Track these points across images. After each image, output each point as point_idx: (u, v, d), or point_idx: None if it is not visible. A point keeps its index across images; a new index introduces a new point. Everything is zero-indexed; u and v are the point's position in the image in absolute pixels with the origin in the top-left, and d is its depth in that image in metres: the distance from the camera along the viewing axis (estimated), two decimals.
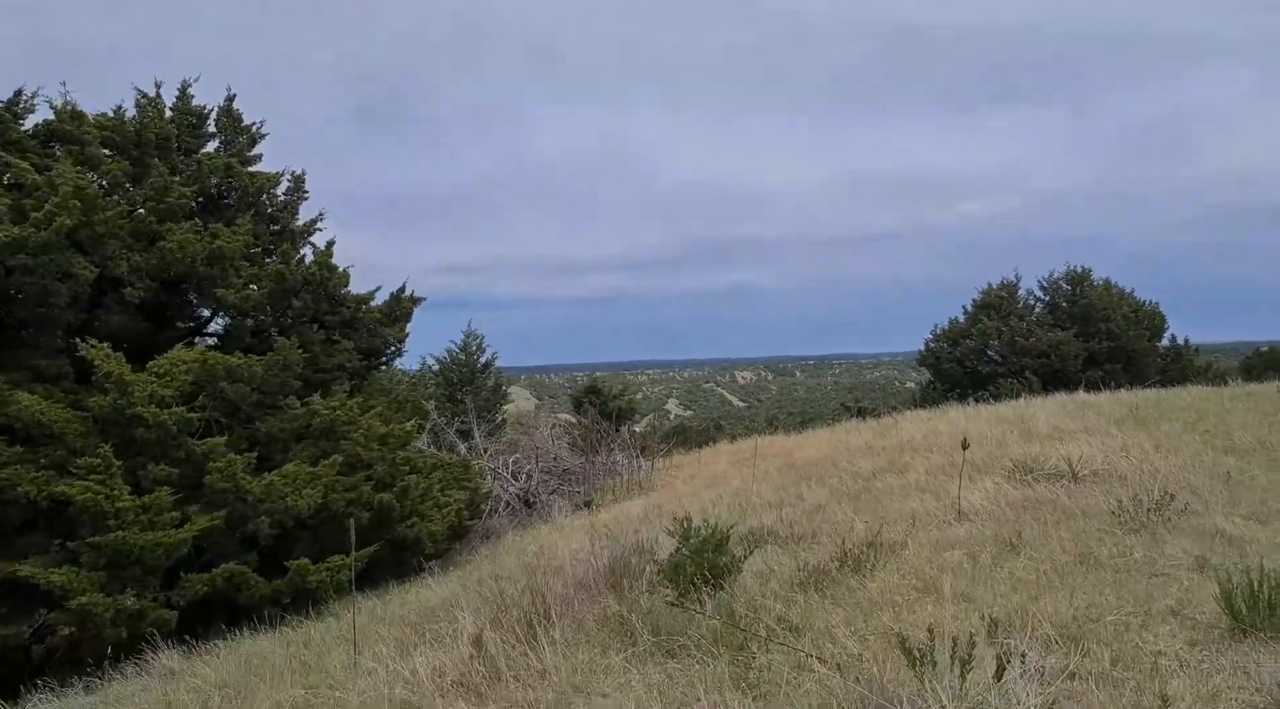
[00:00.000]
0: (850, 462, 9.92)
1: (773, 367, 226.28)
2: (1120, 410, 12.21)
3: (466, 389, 14.78)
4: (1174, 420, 10.76)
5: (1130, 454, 8.39)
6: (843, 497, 8.24)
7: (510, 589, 5.20)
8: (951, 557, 5.50)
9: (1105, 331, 23.11)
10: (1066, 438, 9.87)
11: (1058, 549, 5.39)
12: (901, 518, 6.88)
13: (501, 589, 5.08)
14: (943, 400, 22.95)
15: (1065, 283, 24.83)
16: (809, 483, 9.24)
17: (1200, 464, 7.84)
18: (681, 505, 9.24)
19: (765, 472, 10.64)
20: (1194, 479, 7.22)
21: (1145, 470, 7.58)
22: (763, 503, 8.59)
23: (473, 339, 16.40)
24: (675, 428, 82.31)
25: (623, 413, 15.71)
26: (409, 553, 9.08)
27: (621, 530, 8.51)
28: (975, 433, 10.99)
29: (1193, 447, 8.83)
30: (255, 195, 9.89)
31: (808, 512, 7.77)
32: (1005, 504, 6.76)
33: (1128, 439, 9.45)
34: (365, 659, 4.47)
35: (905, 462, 9.25)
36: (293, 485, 7.88)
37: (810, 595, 4.85)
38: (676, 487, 11.57)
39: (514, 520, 11.56)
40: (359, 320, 10.12)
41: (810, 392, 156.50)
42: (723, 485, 10.43)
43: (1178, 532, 5.62)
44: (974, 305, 25.26)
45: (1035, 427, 11.06)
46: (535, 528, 10.20)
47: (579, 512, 11.22)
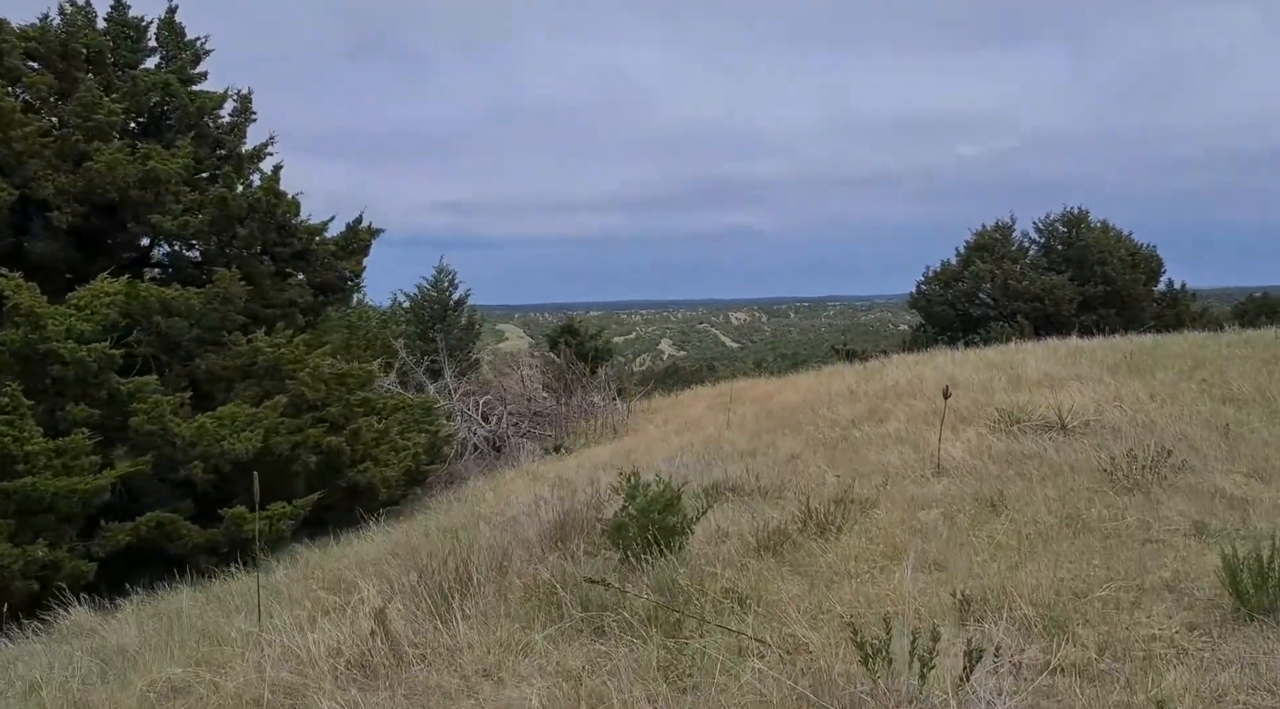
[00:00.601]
0: (830, 408, 9.44)
1: (767, 308, 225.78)
2: (1114, 357, 11.72)
3: (438, 327, 14.17)
4: (1170, 368, 10.28)
5: (1124, 404, 7.91)
6: (818, 446, 7.78)
7: (439, 548, 4.73)
8: (927, 517, 5.04)
9: (1101, 275, 22.52)
10: (1057, 386, 9.39)
11: (1043, 510, 4.93)
12: (877, 471, 6.41)
13: (419, 547, 4.60)
14: (933, 344, 22.47)
15: (1061, 225, 24.12)
16: (785, 431, 8.78)
17: (1197, 415, 7.37)
18: (651, 452, 8.79)
19: (741, 418, 10.18)
20: (1191, 431, 6.75)
21: (1139, 422, 7.11)
22: (734, 452, 8.13)
23: (444, 275, 15.73)
24: (668, 368, 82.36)
25: (599, 354, 15.15)
26: (363, 499, 8.65)
27: (583, 479, 8.07)
28: (962, 379, 10.51)
29: (1189, 396, 8.35)
30: (197, 116, 9.10)
31: (779, 463, 7.30)
32: (988, 458, 6.29)
33: (1121, 388, 8.97)
34: (270, 628, 4.01)
35: (887, 409, 8.77)
36: (230, 428, 7.37)
37: (767, 561, 4.39)
38: (650, 431, 11.13)
39: (481, 464, 11.14)
40: (312, 253, 9.45)
41: (804, 333, 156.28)
42: (696, 431, 9.98)
43: (1174, 491, 5.16)
44: (967, 247, 24.59)
45: (1025, 373, 10.57)
46: (501, 473, 9.77)
47: (549, 456, 10.79)
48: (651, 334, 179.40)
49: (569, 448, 10.96)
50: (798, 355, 41.52)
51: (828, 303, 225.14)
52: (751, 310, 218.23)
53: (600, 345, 15.44)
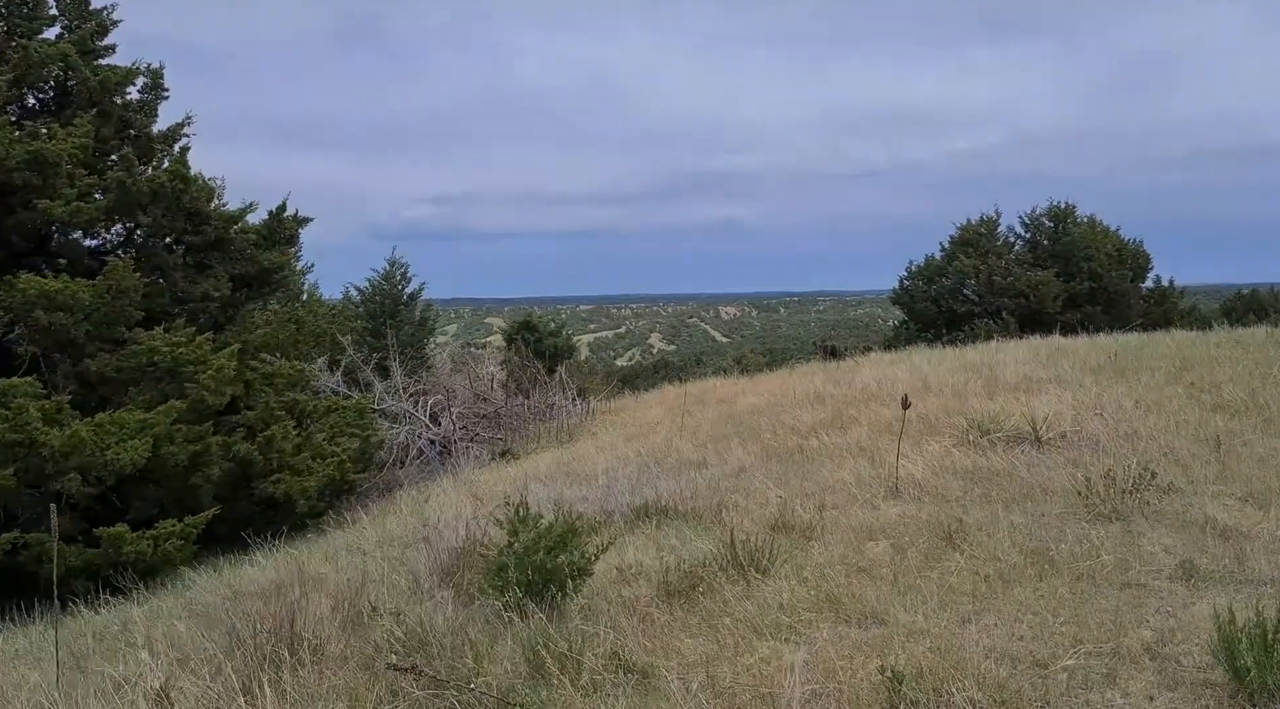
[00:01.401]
0: (793, 413, 8.75)
1: (757, 302, 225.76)
2: (1098, 357, 11.09)
3: (389, 323, 13.39)
4: (1156, 370, 9.65)
5: (1105, 412, 7.25)
6: (772, 457, 7.09)
7: (289, 585, 4.00)
8: (874, 550, 4.34)
9: (1087, 271, 21.90)
10: (1035, 390, 8.73)
11: (1006, 542, 4.24)
12: (828, 490, 5.72)
13: (269, 589, 3.87)
14: (915, 341, 21.82)
15: (1048, 219, 23.47)
16: (741, 438, 8.08)
17: (1185, 425, 6.71)
18: (594, 461, 8.07)
19: (699, 423, 9.48)
20: (1178, 445, 6.09)
21: (1121, 433, 6.45)
22: (681, 462, 7.43)
23: (397, 267, 14.86)
24: (657, 362, 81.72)
25: (559, 351, 14.40)
26: (281, 513, 7.92)
27: (515, 492, 7.35)
28: (935, 382, 9.85)
29: (1176, 402, 7.70)
30: (100, 92, 8.29)
31: (726, 477, 6.61)
32: (952, 475, 5.61)
33: (1103, 392, 8.32)
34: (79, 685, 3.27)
35: (851, 415, 8.08)
36: (116, 436, 6.62)
37: (676, 611, 3.68)
38: (604, 436, 10.43)
39: (425, 470, 10.42)
40: (229, 242, 8.67)
41: (793, 328, 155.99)
42: (651, 436, 9.28)
43: (1158, 520, 4.49)
44: (951, 242, 23.92)
45: (1002, 375, 9.91)
46: (438, 482, 9.05)
47: (495, 462, 10.07)
48: (641, 328, 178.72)
49: (517, 453, 10.25)
50: (786, 350, 40.91)
51: (818, 297, 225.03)
52: (742, 305, 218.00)
53: (560, 343, 14.66)
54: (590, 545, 3.88)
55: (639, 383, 35.41)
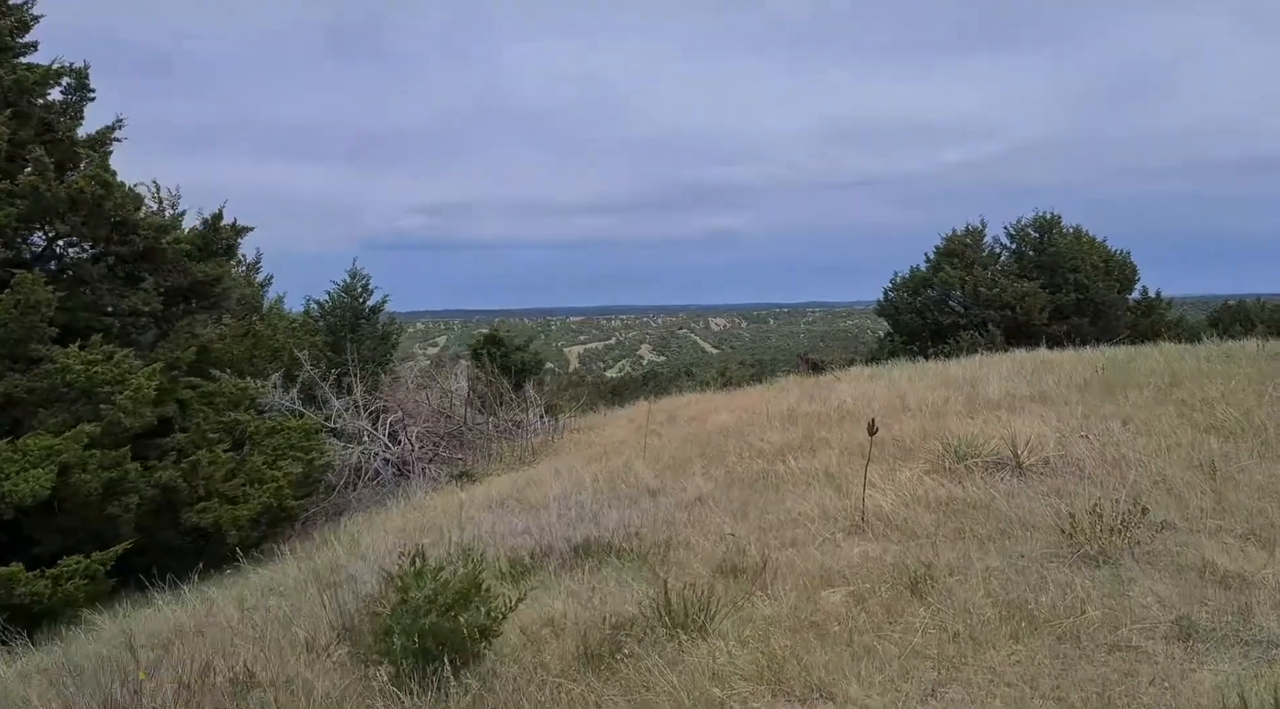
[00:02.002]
0: (762, 433, 8.25)
1: (747, 314, 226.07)
2: (1084, 372, 10.66)
3: (350, 337, 12.80)
4: (1144, 386, 9.22)
5: (1092, 434, 6.78)
6: (734, 484, 6.57)
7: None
8: (830, 600, 3.83)
9: (1073, 283, 21.55)
10: (1018, 408, 8.27)
11: (979, 591, 3.74)
12: (789, 522, 5.21)
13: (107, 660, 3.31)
14: (900, 354, 21.40)
15: (1033, 229, 23.13)
16: (704, 461, 7.57)
17: (1177, 449, 6.25)
18: (547, 487, 7.54)
19: (665, 443, 8.96)
20: (1170, 471, 5.62)
21: (1109, 458, 5.97)
22: (638, 488, 6.90)
23: (358, 279, 14.24)
24: (646, 374, 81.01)
25: (527, 366, 13.82)
26: (212, 544, 7.35)
27: (456, 521, 6.81)
28: (914, 399, 9.38)
29: (1167, 422, 7.24)
30: (17, 92, 7.74)
31: (683, 506, 6.09)
32: (924, 507, 5.10)
33: (1090, 410, 7.87)
34: None
35: (822, 437, 7.59)
36: (17, 464, 6.05)
37: (593, 681, 3.15)
38: (567, 456, 9.90)
39: (379, 493, 9.84)
40: (160, 253, 8.11)
41: (782, 339, 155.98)
42: (613, 458, 8.75)
43: (1150, 564, 3.99)
44: (936, 252, 23.55)
45: (984, 392, 9.45)
46: (387, 508, 8.50)
47: (451, 484, 9.52)
48: (632, 339, 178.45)
49: (475, 475, 9.70)
50: (774, 362, 40.43)
51: (808, 309, 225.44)
52: (732, 316, 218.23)
53: (528, 357, 14.06)
54: (501, 600, 3.35)
55: (627, 394, 34.82)
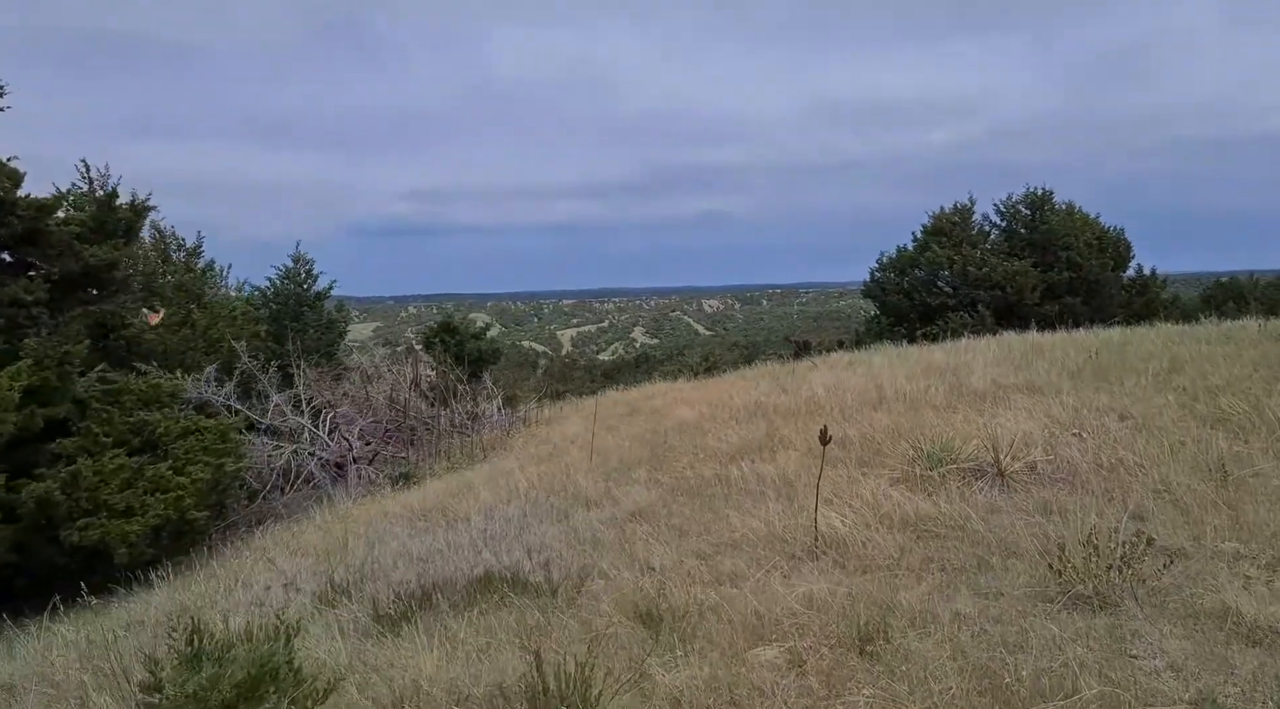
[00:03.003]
0: (722, 431, 7.46)
1: (740, 295, 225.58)
2: (1076, 357, 9.91)
3: (292, 325, 11.91)
4: (1141, 372, 8.48)
5: (1086, 430, 6.01)
6: (681, 493, 5.78)
7: None
8: (759, 662, 3.04)
9: (1066, 261, 20.77)
10: (1004, 399, 7.50)
11: (943, 652, 2.96)
12: (733, 545, 4.43)
13: None
14: (886, 336, 20.65)
15: (1024, 207, 22.30)
16: (653, 464, 6.78)
17: (1180, 448, 5.48)
18: (481, 494, 6.75)
19: (617, 442, 8.16)
20: (1176, 478, 4.85)
21: (1105, 463, 5.19)
22: (575, 497, 6.11)
23: (302, 264, 13.29)
24: (639, 356, 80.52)
25: (483, 356, 12.95)
26: (102, 562, 6.55)
27: (366, 539, 6.02)
28: (892, 389, 8.60)
29: (1169, 415, 6.49)
30: None
31: (618, 521, 5.30)
32: (888, 528, 4.32)
33: (1083, 402, 7.10)
34: None
35: (785, 435, 6.80)
36: None
37: None
38: (515, 455, 9.11)
39: (314, 496, 9.03)
40: (45, 236, 7.26)
41: (776, 320, 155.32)
42: (561, 457, 7.97)
43: (1159, 609, 3.22)
44: (924, 231, 22.71)
45: (968, 381, 8.69)
46: (311, 517, 7.70)
47: (389, 487, 8.73)
48: (625, 322, 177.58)
49: (415, 477, 8.90)
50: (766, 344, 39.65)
51: (801, 290, 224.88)
52: (725, 297, 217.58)
53: (484, 346, 13.16)
54: (313, 684, 2.55)
55: (618, 377, 34.02)
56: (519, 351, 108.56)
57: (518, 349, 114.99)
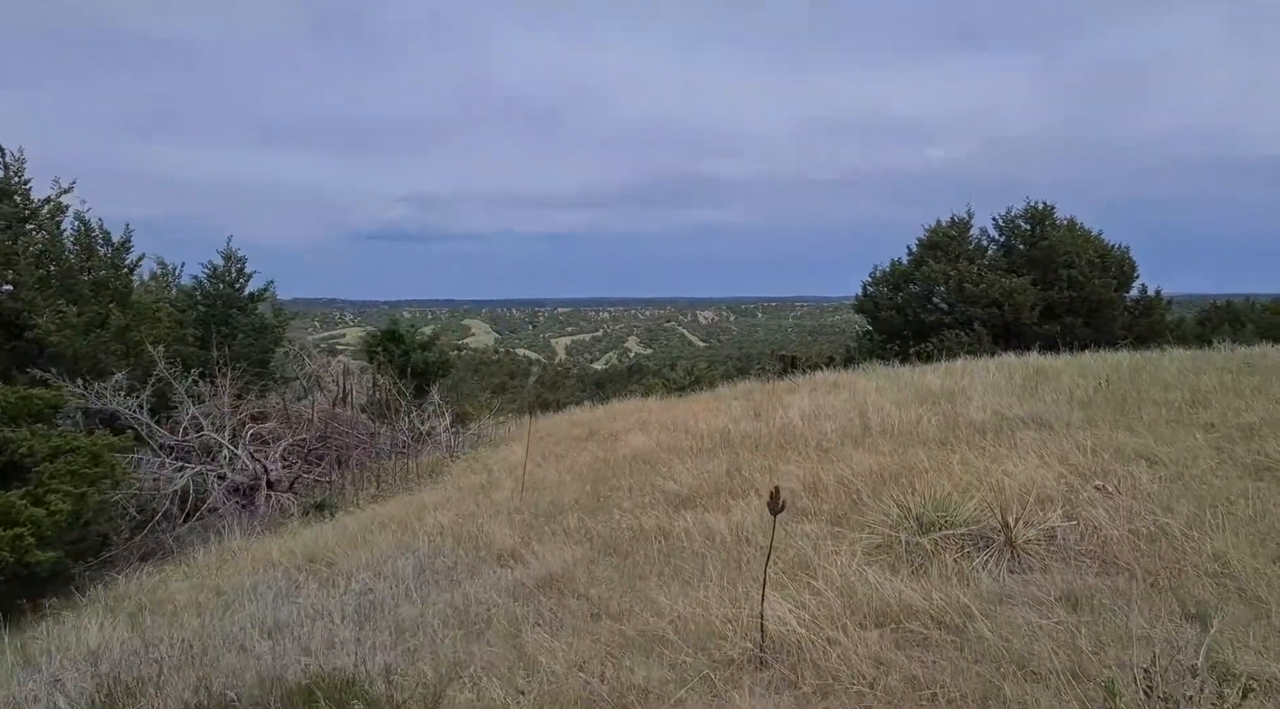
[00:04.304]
0: (678, 466, 6.35)
1: (735, 307, 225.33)
2: (1086, 383, 8.87)
3: (220, 330, 10.71)
4: (1161, 403, 7.45)
5: (1111, 482, 4.92)
6: (611, 551, 4.67)
7: None
8: None
9: (1067, 279, 19.75)
10: (1008, 436, 6.43)
11: None
12: (655, 642, 3.31)
13: None
14: (878, 353, 19.61)
15: (1024, 221, 21.30)
16: (591, 508, 5.66)
17: (1231, 510, 4.40)
18: (377, 542, 5.61)
19: (556, 475, 7.04)
20: (1234, 554, 3.75)
21: (1140, 529, 4.09)
22: (486, 551, 4.98)
23: (233, 262, 12.04)
24: (632, 366, 79.40)
25: (431, 368, 11.75)
26: None
27: (227, 596, 4.89)
28: (878, 418, 7.51)
29: (1204, 461, 5.44)
30: None
31: (522, 593, 4.18)
32: (860, 626, 3.20)
33: (1101, 441, 6.02)
34: None
35: (748, 476, 5.69)
36: None
37: None
38: (447, 483, 7.99)
39: (219, 525, 7.88)
40: None
41: (770, 333, 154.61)
42: (492, 492, 6.86)
43: None
44: (919, 245, 21.70)
45: (966, 410, 7.61)
46: (193, 557, 6.56)
47: (299, 519, 7.59)
48: (619, 331, 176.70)
49: (331, 508, 7.75)
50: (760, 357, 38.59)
51: (796, 302, 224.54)
52: (719, 309, 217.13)
53: (433, 357, 11.92)
54: None
55: (610, 387, 32.86)
56: (512, 359, 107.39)
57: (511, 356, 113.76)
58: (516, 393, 41.06)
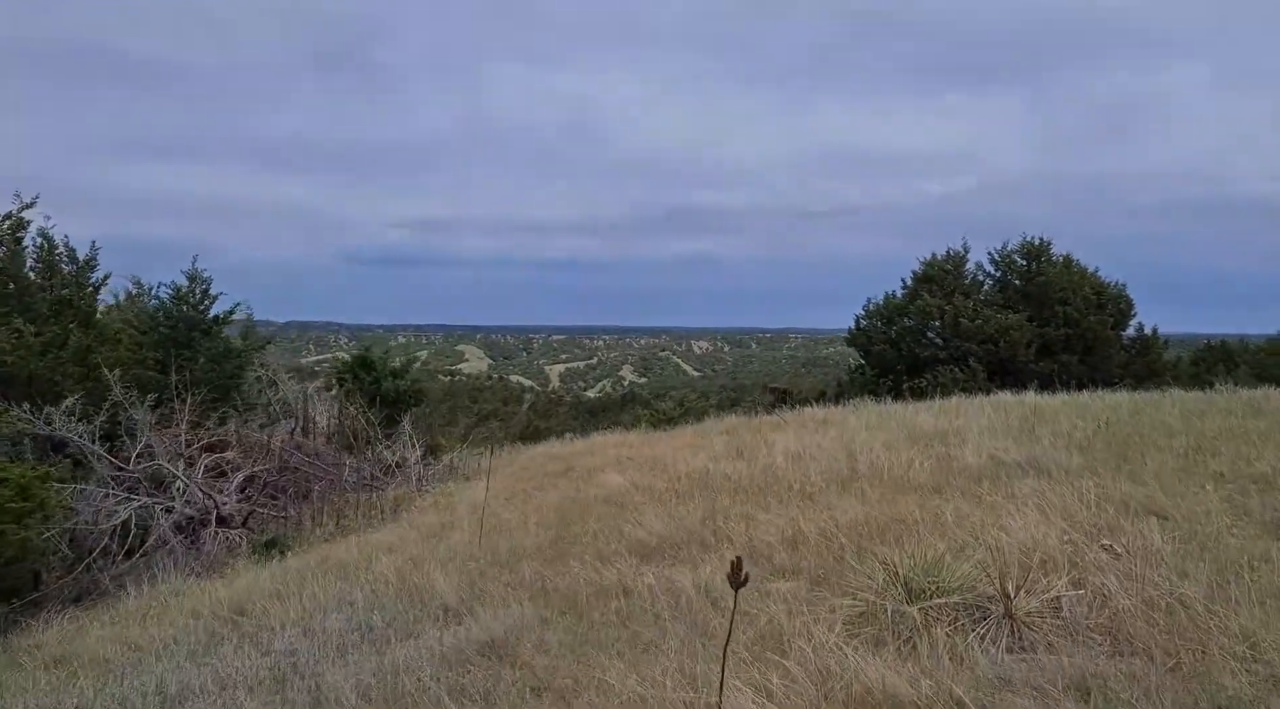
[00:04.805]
0: (650, 511, 5.88)
1: (729, 337, 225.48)
2: (1085, 425, 8.49)
3: (181, 354, 10.23)
4: (1165, 450, 7.06)
5: (1119, 538, 4.48)
6: (563, 612, 4.19)
7: None
8: None
9: (1063, 316, 19.46)
10: (1004, 483, 6.00)
11: None
12: None
13: None
14: (871, 388, 19.22)
15: (1020, 256, 21.07)
16: (551, 557, 5.19)
17: (1255, 576, 3.96)
18: (317, 590, 5.12)
19: (526, 514, 6.56)
20: (1262, 633, 3.31)
21: (1156, 601, 3.64)
22: (430, 606, 4.49)
23: (198, 282, 11.55)
24: (625, 395, 78.70)
25: (403, 396, 11.26)
26: None
27: (155, 648, 4.39)
28: (867, 461, 7.07)
29: (1217, 516, 5.01)
30: None
31: (459, 661, 3.69)
32: None
33: (1105, 492, 5.59)
34: None
35: (723, 526, 5.22)
36: None
37: None
38: (406, 524, 7.51)
39: (161, 566, 7.36)
40: None
41: (765, 364, 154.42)
42: (450, 535, 6.36)
43: None
44: (914, 278, 21.42)
45: (961, 453, 7.19)
46: (117, 603, 6.05)
47: (246, 559, 7.08)
48: (613, 360, 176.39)
49: (284, 546, 7.24)
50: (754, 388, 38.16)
51: (791, 334, 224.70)
52: (714, 339, 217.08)
53: (404, 385, 11.42)
54: None
55: (603, 416, 32.32)
56: (505, 386, 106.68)
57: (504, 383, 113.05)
58: (508, 420, 40.60)
